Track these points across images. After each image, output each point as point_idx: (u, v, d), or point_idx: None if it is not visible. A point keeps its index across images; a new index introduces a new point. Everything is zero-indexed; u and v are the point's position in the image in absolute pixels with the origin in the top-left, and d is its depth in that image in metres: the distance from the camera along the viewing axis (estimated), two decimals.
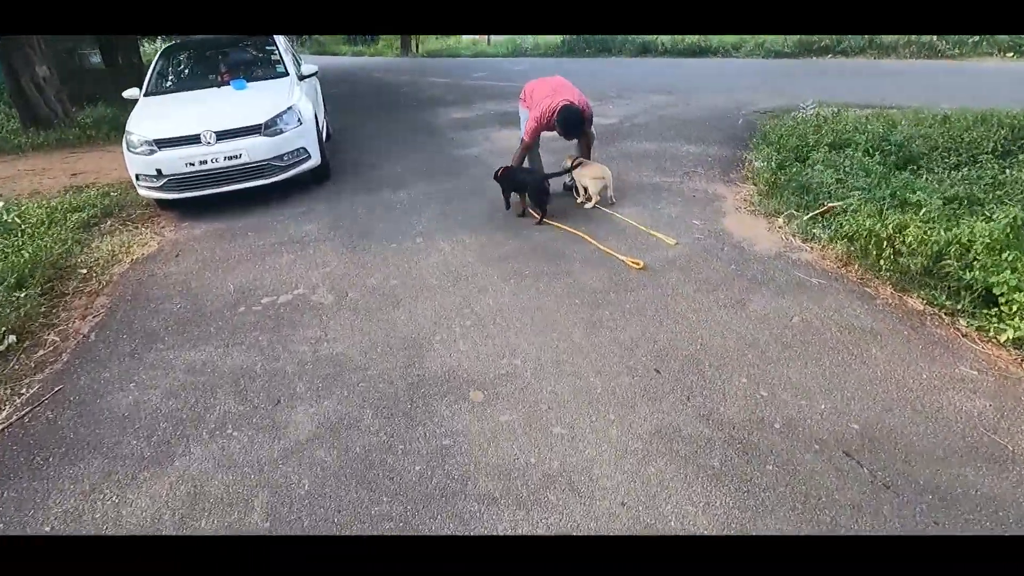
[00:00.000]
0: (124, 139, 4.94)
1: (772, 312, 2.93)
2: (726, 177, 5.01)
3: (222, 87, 5.62)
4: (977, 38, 10.70)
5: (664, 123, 7.03)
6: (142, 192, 4.96)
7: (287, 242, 4.30)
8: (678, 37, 14.98)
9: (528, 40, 19.43)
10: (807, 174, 4.32)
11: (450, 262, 3.75)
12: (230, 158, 4.84)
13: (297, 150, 5.16)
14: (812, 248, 3.60)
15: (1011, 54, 10.38)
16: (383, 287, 3.49)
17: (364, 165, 6.27)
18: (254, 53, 6.54)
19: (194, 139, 4.78)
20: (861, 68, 10.69)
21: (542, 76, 4.59)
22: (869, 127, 5.10)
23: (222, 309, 3.38)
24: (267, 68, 6.23)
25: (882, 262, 3.13)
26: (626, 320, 2.94)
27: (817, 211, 3.88)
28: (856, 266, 3.30)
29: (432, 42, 27.05)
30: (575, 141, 4.48)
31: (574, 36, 16.93)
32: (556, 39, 18.14)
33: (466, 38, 28.14)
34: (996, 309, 2.65)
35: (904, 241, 3.07)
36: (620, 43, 15.77)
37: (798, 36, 12.72)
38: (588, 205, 4.44)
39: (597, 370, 2.57)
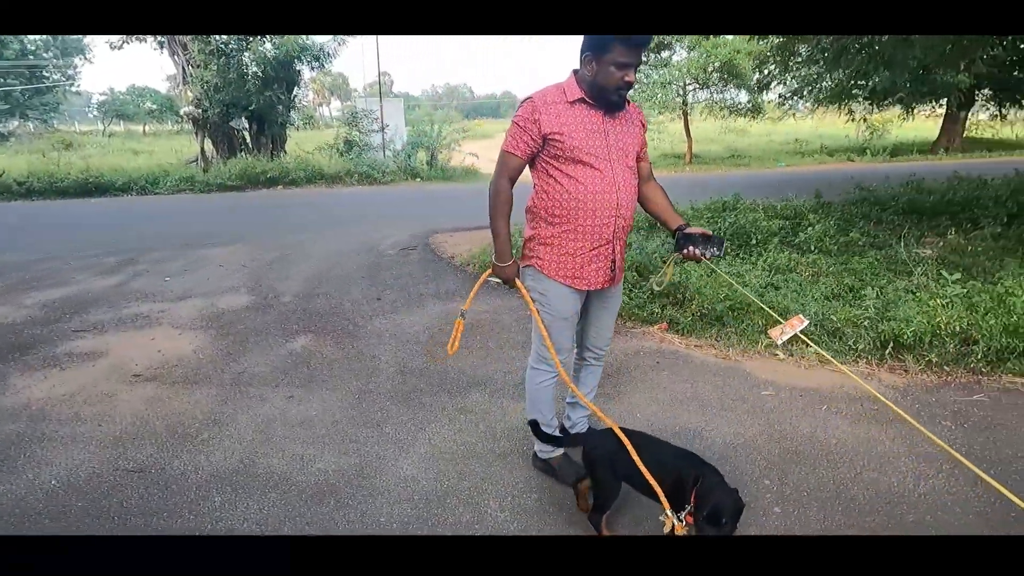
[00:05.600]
0: None
1: None
2: None
3: None
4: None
5: (352, 282, 4.71)
6: None
7: None
8: (89, 173, 10.92)
9: None
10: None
11: None
12: None
13: None
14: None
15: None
16: None
17: None
18: None
19: None
20: (315, 199, 10.82)
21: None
22: None
23: None
24: None
25: None
26: None
27: (783, 329, 3.29)
28: None
29: None
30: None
31: None
32: None
33: None
34: None
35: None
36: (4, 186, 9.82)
37: (241, 167, 12.01)
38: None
39: None
